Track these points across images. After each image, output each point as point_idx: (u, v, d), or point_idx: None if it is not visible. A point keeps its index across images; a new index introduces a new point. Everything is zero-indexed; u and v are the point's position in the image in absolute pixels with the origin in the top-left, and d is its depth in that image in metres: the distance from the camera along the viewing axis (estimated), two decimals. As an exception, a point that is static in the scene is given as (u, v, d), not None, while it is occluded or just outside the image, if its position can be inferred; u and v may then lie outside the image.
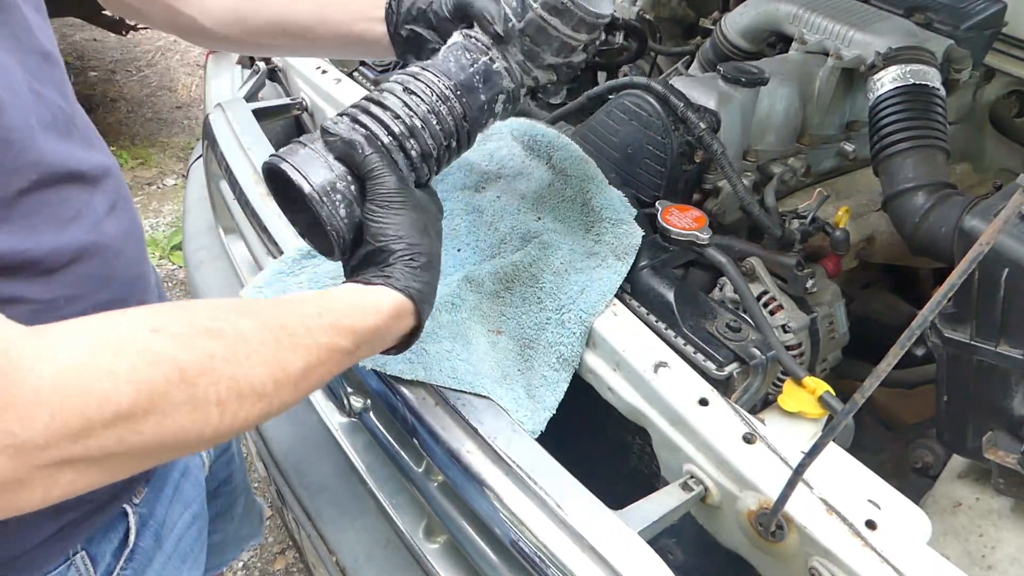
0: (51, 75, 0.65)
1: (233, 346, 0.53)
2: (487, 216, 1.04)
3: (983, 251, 0.51)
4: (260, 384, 0.54)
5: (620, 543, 0.72)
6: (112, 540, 0.77)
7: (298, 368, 0.57)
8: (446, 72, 0.78)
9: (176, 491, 0.87)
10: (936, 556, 0.68)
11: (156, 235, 3.03)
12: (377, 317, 0.64)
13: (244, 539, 1.21)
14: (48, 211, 0.61)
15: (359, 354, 0.64)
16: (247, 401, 0.54)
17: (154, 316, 0.52)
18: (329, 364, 0.61)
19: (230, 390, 0.52)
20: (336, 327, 0.61)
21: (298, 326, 0.58)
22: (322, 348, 0.59)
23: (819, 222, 1.08)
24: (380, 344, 0.68)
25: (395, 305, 0.66)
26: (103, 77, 4.14)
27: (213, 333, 0.53)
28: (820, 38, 1.28)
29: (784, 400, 0.86)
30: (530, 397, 0.87)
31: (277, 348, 0.56)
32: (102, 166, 0.71)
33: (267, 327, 0.56)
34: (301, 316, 0.60)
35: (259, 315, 0.57)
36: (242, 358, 0.53)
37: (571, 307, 0.91)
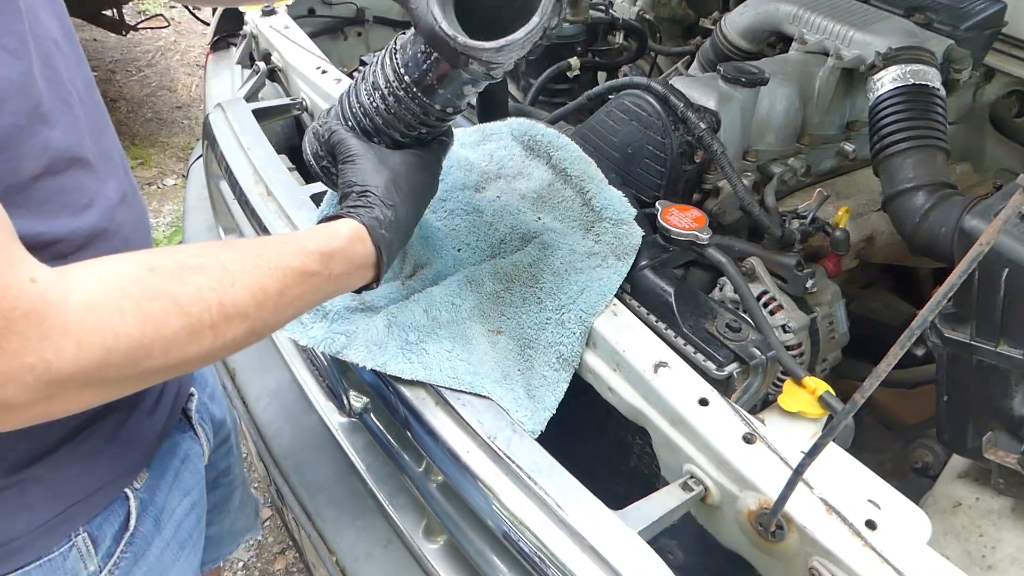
0: (65, 61, 0.68)
1: (219, 276, 0.61)
2: (487, 216, 1.04)
3: (983, 251, 0.51)
4: (244, 306, 0.62)
5: (620, 543, 0.72)
6: (113, 523, 0.79)
7: (275, 289, 0.65)
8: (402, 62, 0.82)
9: (176, 478, 0.88)
10: (936, 556, 0.68)
11: (156, 235, 3.03)
12: (337, 239, 0.73)
13: (240, 533, 1.21)
14: (62, 197, 0.65)
15: (333, 277, 0.72)
16: (234, 322, 0.61)
17: (151, 257, 0.59)
18: (303, 286, 0.68)
19: (220, 314, 0.60)
20: (303, 251, 0.69)
21: (272, 254, 0.66)
22: (295, 271, 0.67)
23: (819, 222, 1.08)
24: (352, 268, 0.75)
25: (351, 230, 0.74)
26: (103, 77, 4.14)
27: (201, 268, 0.60)
28: (820, 38, 1.28)
29: (784, 400, 0.86)
30: (530, 397, 0.87)
31: (256, 274, 0.63)
32: (113, 154, 0.74)
33: (246, 257, 0.64)
34: (273, 246, 0.68)
35: (238, 248, 0.65)
36: (227, 286, 0.61)
37: (571, 307, 0.91)
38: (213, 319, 0.59)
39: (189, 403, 0.94)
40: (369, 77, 0.84)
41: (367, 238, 0.76)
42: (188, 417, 0.93)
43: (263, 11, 1.64)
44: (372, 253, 0.76)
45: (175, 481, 0.88)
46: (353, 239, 0.74)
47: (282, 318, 0.68)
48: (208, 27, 1.96)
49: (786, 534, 0.72)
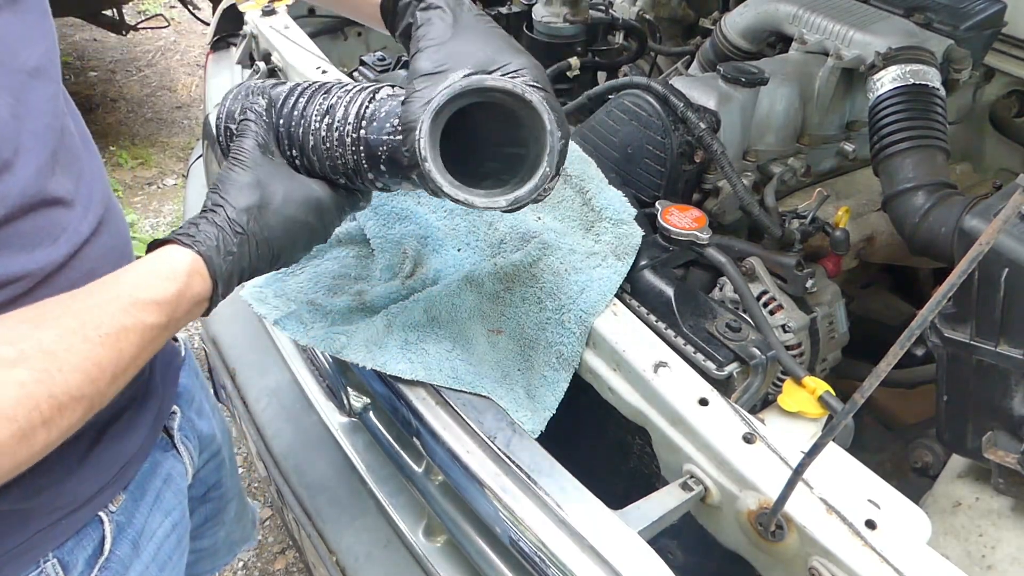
0: (40, 93, 0.63)
1: (41, 364, 0.53)
2: (487, 216, 1.04)
3: (983, 251, 0.51)
4: (77, 389, 0.55)
5: (620, 543, 0.72)
6: (86, 547, 0.76)
7: (111, 359, 0.58)
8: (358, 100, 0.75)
9: (157, 498, 0.86)
10: (936, 556, 0.68)
11: (156, 235, 3.03)
12: (174, 282, 0.63)
13: (236, 543, 1.20)
14: (21, 241, 0.61)
15: (172, 324, 0.64)
16: (68, 409, 0.55)
17: None
18: (143, 344, 0.60)
19: (52, 408, 0.53)
20: (137, 304, 0.60)
21: (101, 316, 0.58)
22: (130, 331, 0.59)
23: (819, 222, 1.08)
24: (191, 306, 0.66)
25: (188, 265, 0.65)
26: (103, 77, 4.14)
27: (18, 359, 0.53)
28: (820, 38, 1.28)
29: (784, 400, 0.86)
30: (530, 397, 0.87)
31: (87, 349, 0.56)
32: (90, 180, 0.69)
33: (69, 331, 0.56)
34: (101, 304, 0.59)
35: (58, 320, 0.57)
36: (54, 372, 0.54)
37: (571, 307, 0.91)
38: (44, 415, 0.53)
39: (171, 421, 0.91)
40: (332, 96, 0.75)
41: (204, 272, 0.66)
42: (170, 435, 0.90)
43: (263, 11, 1.64)
44: (209, 288, 0.66)
45: (156, 502, 0.85)
46: (191, 274, 0.64)
47: (124, 382, 0.61)
48: (208, 27, 1.96)
49: (786, 534, 0.72)
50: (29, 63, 0.63)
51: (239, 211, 0.68)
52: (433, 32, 0.73)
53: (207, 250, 0.65)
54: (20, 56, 0.62)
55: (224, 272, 0.66)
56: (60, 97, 0.68)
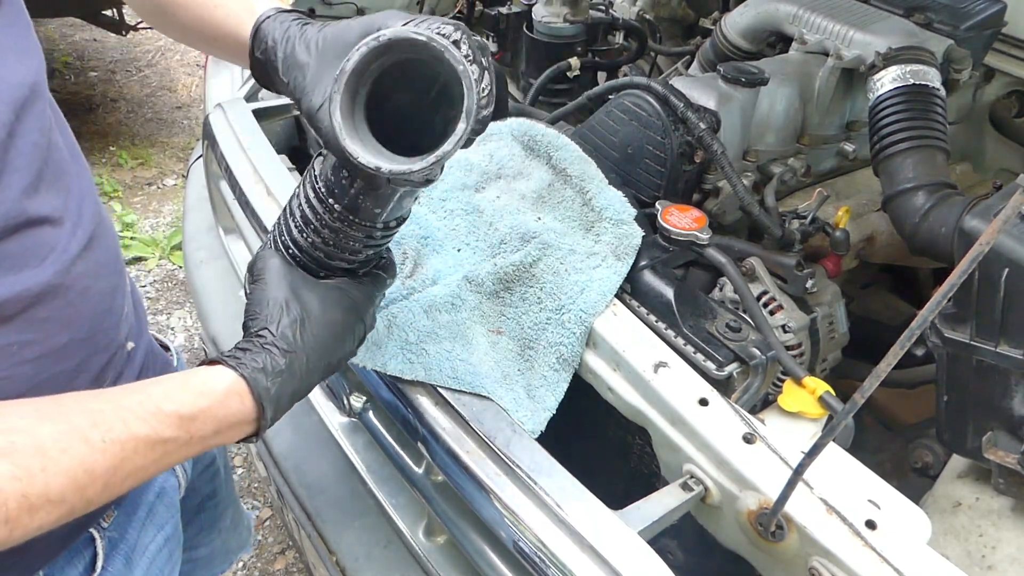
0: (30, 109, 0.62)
1: (26, 463, 0.50)
2: (487, 216, 1.04)
3: (983, 251, 0.51)
4: (57, 494, 0.51)
5: (620, 543, 0.72)
6: (76, 565, 0.75)
7: (106, 468, 0.54)
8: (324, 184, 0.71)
9: (150, 513, 0.85)
10: (936, 556, 0.68)
11: (156, 235, 3.03)
12: (205, 398, 0.61)
13: (232, 551, 1.19)
14: (9, 262, 0.59)
15: (197, 440, 0.60)
16: (41, 511, 0.51)
17: None
18: (152, 456, 0.57)
19: (20, 507, 0.50)
20: (157, 414, 0.57)
21: (113, 420, 0.55)
22: (140, 440, 0.56)
23: (819, 222, 1.08)
24: (228, 429, 0.63)
25: (227, 384, 0.62)
26: (103, 77, 4.14)
27: (7, 450, 0.50)
28: (820, 38, 1.28)
29: (784, 400, 0.86)
30: (530, 397, 0.87)
31: (84, 451, 0.53)
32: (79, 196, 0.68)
33: (74, 429, 0.53)
34: (119, 408, 0.56)
35: (68, 417, 0.54)
36: (36, 472, 0.50)
37: (571, 307, 0.91)
38: (9, 513, 0.49)
39: None
40: (296, 212, 0.73)
41: (246, 393, 0.63)
42: None
43: (263, 11, 1.63)
44: (252, 409, 0.64)
45: (148, 516, 0.85)
46: (229, 394, 0.62)
47: (117, 492, 0.56)
48: (208, 27, 1.96)
49: (786, 534, 0.72)
50: (28, 78, 0.62)
51: (283, 329, 0.66)
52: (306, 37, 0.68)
53: (251, 372, 0.63)
54: (19, 71, 0.61)
55: (273, 394, 0.64)
56: (48, 112, 0.66)
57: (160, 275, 2.87)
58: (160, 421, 0.57)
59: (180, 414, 0.59)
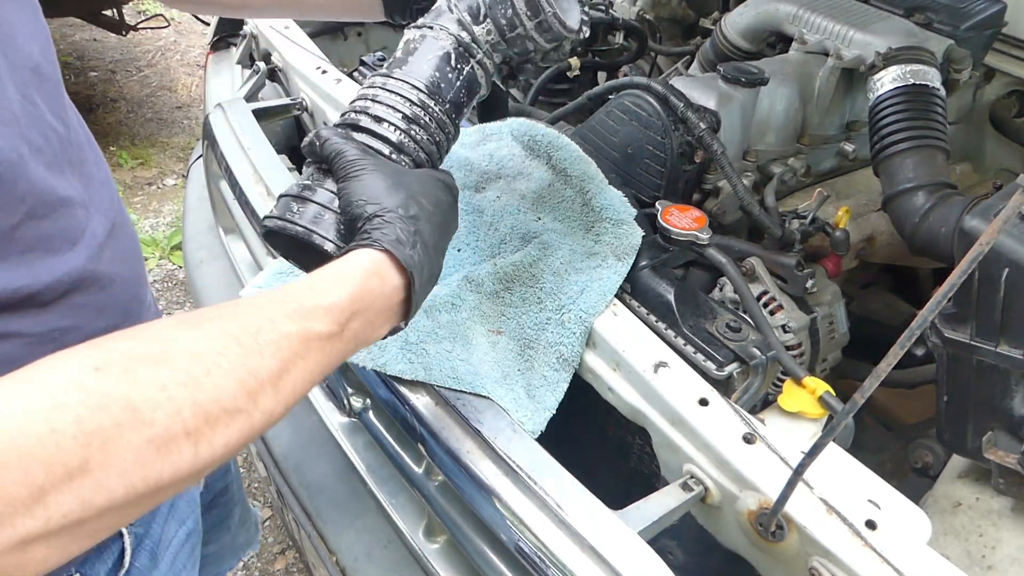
0: (43, 89, 0.62)
1: (187, 367, 0.47)
2: (487, 216, 1.04)
3: (983, 251, 0.51)
4: (230, 400, 0.48)
5: (620, 543, 0.72)
6: (106, 561, 0.75)
7: (271, 369, 0.51)
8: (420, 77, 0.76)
9: (172, 508, 0.85)
10: (936, 556, 0.68)
11: (156, 235, 3.03)
12: (349, 283, 0.57)
13: (240, 548, 1.20)
14: (45, 243, 0.58)
15: (351, 334, 0.57)
16: (220, 423, 0.48)
17: (99, 351, 0.46)
18: (310, 355, 0.54)
19: (197, 416, 0.46)
20: (302, 310, 0.54)
21: (260, 322, 0.52)
22: (293, 339, 0.52)
23: (819, 222, 1.08)
24: (374, 316, 0.59)
25: (368, 263, 0.59)
26: (103, 77, 4.14)
27: (160, 358, 0.47)
28: (820, 38, 1.28)
29: (784, 400, 0.86)
30: (530, 397, 0.87)
31: (241, 353, 0.49)
32: (99, 182, 0.68)
33: (223, 332, 0.50)
34: (261, 309, 0.53)
35: (212, 322, 0.51)
36: (200, 377, 0.47)
37: (571, 307, 0.91)
38: (188, 425, 0.46)
39: None
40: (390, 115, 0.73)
41: (388, 268, 0.59)
42: None
43: (263, 11, 1.64)
44: (399, 287, 0.60)
45: (171, 512, 0.85)
46: (369, 274, 0.58)
47: (288, 402, 0.53)
48: (208, 27, 1.96)
49: (786, 534, 0.72)
50: (32, 59, 0.61)
51: (401, 204, 0.63)
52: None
53: (390, 244, 0.60)
54: (24, 51, 0.60)
55: (417, 263, 0.61)
56: (62, 95, 0.66)
57: (160, 275, 2.87)
58: (305, 316, 0.54)
59: (324, 306, 0.55)
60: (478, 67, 0.79)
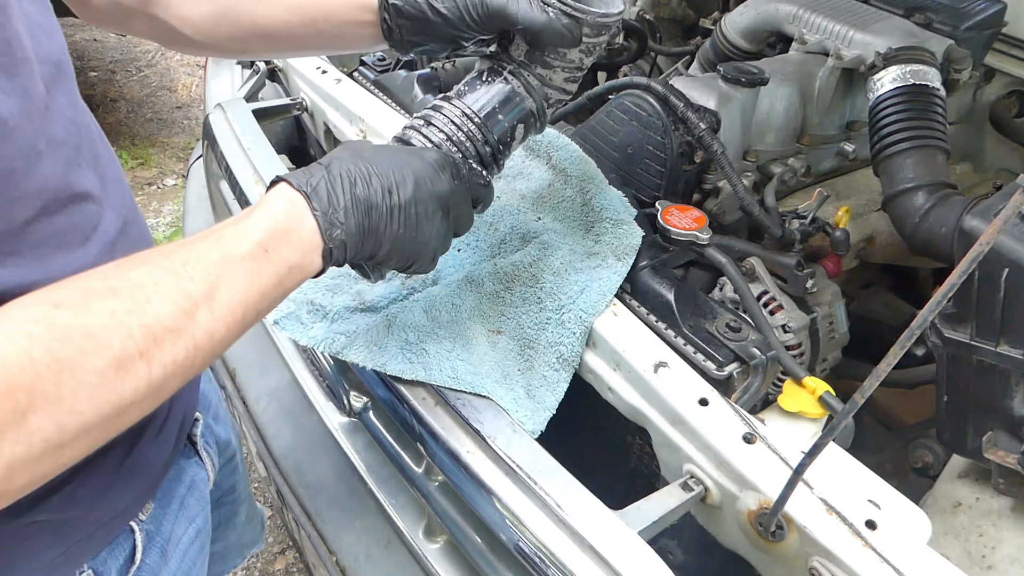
0: (64, 85, 0.64)
1: (131, 295, 0.53)
2: (487, 216, 1.04)
3: (983, 251, 0.51)
4: (171, 321, 0.54)
5: (620, 543, 0.72)
6: (118, 557, 0.76)
7: (202, 291, 0.56)
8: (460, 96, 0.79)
9: (182, 506, 0.86)
10: (936, 556, 0.68)
11: (156, 235, 3.03)
12: (261, 208, 0.63)
13: (246, 546, 1.20)
14: (58, 238, 0.60)
15: (279, 256, 0.62)
16: (167, 342, 0.53)
17: (54, 292, 0.52)
18: (237, 275, 0.59)
19: (146, 338, 0.52)
20: (222, 237, 0.60)
21: (189, 253, 0.58)
22: (217, 263, 0.58)
23: (819, 222, 1.08)
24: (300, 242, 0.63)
25: (280, 194, 0.64)
26: (103, 77, 4.14)
27: (108, 291, 0.53)
28: (820, 38, 1.28)
29: (784, 400, 0.86)
30: (530, 397, 0.87)
31: (174, 280, 0.55)
32: (111, 179, 0.69)
33: (159, 267, 0.56)
34: (189, 244, 0.59)
35: (149, 259, 0.57)
36: (143, 304, 0.53)
37: (571, 307, 0.91)
38: (140, 345, 0.52)
39: (194, 428, 0.91)
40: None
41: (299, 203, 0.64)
42: (193, 443, 0.91)
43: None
44: (313, 228, 0.64)
45: (181, 509, 0.86)
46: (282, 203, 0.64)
47: (229, 323, 0.58)
48: (208, 27, 1.96)
49: (786, 534, 0.72)
50: (55, 54, 0.63)
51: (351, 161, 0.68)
52: None
53: (298, 181, 0.65)
54: (47, 47, 0.62)
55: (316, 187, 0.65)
56: (77, 92, 0.68)
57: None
58: (225, 242, 0.60)
59: (239, 230, 0.61)
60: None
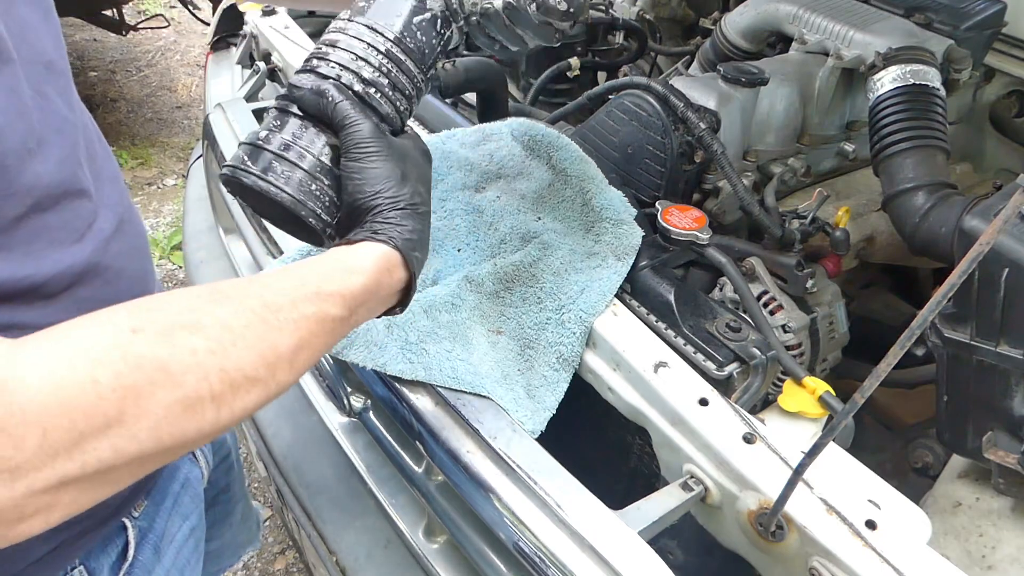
0: (56, 84, 0.63)
1: (217, 336, 0.51)
2: (487, 216, 1.04)
3: (983, 251, 0.51)
4: (252, 370, 0.53)
5: (620, 543, 0.72)
6: (110, 554, 0.76)
7: (289, 345, 0.55)
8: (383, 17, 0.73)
9: (175, 503, 0.86)
10: (936, 556, 0.68)
11: (156, 235, 3.03)
12: (364, 275, 0.62)
13: (241, 545, 1.20)
14: (51, 234, 0.60)
15: (356, 318, 0.62)
16: (242, 389, 0.52)
17: (134, 316, 0.50)
18: (323, 335, 0.59)
19: (222, 382, 0.51)
20: (321, 294, 0.58)
21: (282, 301, 0.56)
22: (311, 320, 0.57)
23: (819, 222, 1.08)
24: (377, 304, 0.65)
25: (381, 258, 0.64)
26: (103, 77, 4.14)
27: (193, 327, 0.51)
28: (820, 38, 1.28)
29: (784, 400, 0.86)
30: (530, 397, 0.87)
31: (264, 329, 0.54)
32: (107, 177, 0.69)
33: (249, 309, 0.54)
34: (283, 290, 0.57)
35: (239, 299, 0.55)
36: (228, 346, 0.52)
37: (571, 307, 0.91)
38: (213, 389, 0.50)
39: None
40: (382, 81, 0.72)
41: (399, 265, 0.65)
42: None
43: (263, 11, 1.64)
44: (402, 280, 0.66)
45: (174, 507, 0.86)
46: (385, 270, 0.63)
47: (298, 375, 0.58)
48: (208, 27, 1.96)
49: (786, 534, 0.72)
50: (44, 56, 0.63)
51: (412, 191, 0.67)
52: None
53: (402, 245, 0.64)
54: (36, 47, 0.61)
55: (419, 262, 0.67)
56: (74, 91, 0.67)
57: (160, 275, 2.87)
58: (324, 300, 0.59)
59: (341, 293, 0.60)
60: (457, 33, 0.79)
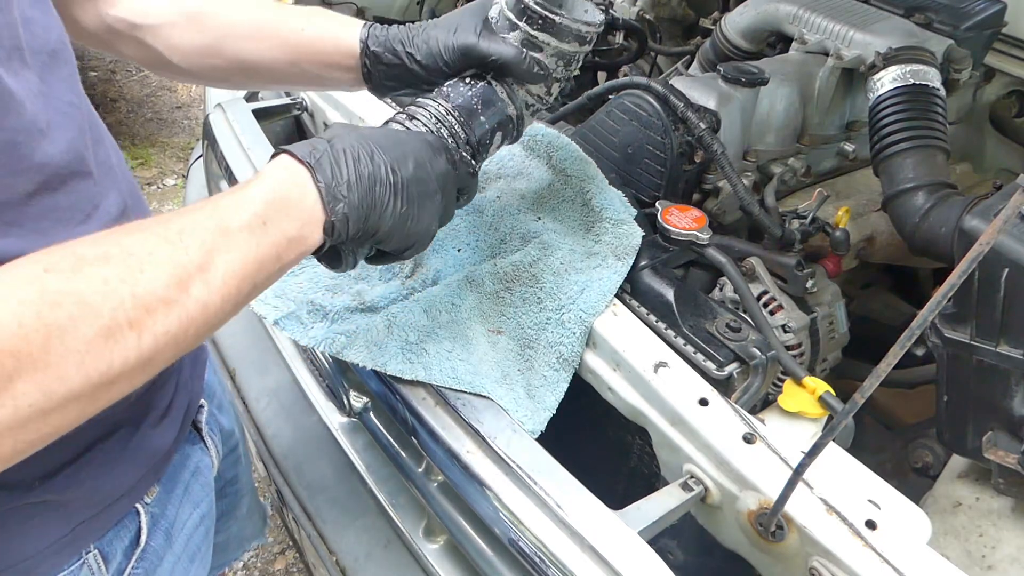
0: (62, 73, 0.65)
1: (124, 262, 0.52)
2: (487, 216, 1.04)
3: (983, 251, 0.51)
4: (164, 291, 0.53)
5: (620, 543, 0.72)
6: (123, 539, 0.77)
7: (196, 262, 0.55)
8: (444, 97, 0.78)
9: (187, 491, 0.87)
10: (936, 556, 0.68)
11: (156, 235, 3.03)
12: (261, 181, 0.62)
13: (247, 539, 1.21)
14: (58, 214, 0.61)
15: (277, 229, 0.61)
16: (159, 312, 0.53)
17: (44, 256, 0.51)
18: (233, 246, 0.58)
19: (136, 307, 0.51)
20: (219, 207, 0.59)
21: (184, 223, 0.57)
22: (214, 233, 0.57)
23: (819, 222, 1.08)
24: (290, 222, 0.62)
25: (279, 167, 0.64)
26: (103, 77, 4.14)
27: (102, 258, 0.52)
28: (820, 38, 1.28)
29: (784, 400, 0.86)
30: (530, 397, 0.87)
31: (170, 250, 0.54)
32: (112, 164, 0.71)
33: (154, 235, 0.55)
34: (184, 213, 0.58)
35: (145, 228, 0.56)
36: (136, 272, 0.52)
37: (571, 307, 0.91)
38: (130, 315, 0.51)
39: (199, 415, 0.92)
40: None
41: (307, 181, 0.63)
42: (198, 429, 0.92)
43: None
44: (316, 201, 0.63)
45: (185, 494, 0.87)
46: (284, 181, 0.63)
47: (224, 295, 0.57)
48: (208, 27, 1.96)
49: (786, 534, 0.72)
50: (50, 44, 0.64)
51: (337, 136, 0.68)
52: None
53: (310, 156, 0.64)
54: (40, 38, 0.62)
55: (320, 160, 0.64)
56: (78, 81, 0.68)
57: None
58: (222, 212, 0.59)
59: (237, 201, 0.60)
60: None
